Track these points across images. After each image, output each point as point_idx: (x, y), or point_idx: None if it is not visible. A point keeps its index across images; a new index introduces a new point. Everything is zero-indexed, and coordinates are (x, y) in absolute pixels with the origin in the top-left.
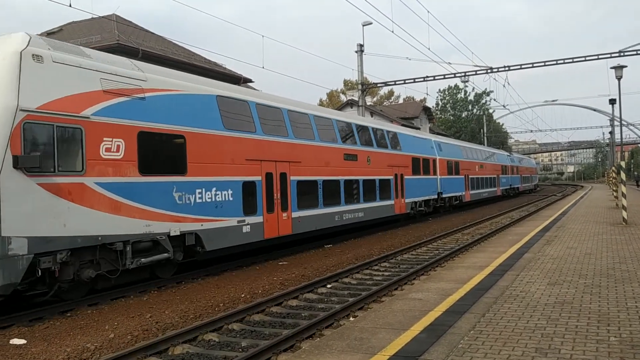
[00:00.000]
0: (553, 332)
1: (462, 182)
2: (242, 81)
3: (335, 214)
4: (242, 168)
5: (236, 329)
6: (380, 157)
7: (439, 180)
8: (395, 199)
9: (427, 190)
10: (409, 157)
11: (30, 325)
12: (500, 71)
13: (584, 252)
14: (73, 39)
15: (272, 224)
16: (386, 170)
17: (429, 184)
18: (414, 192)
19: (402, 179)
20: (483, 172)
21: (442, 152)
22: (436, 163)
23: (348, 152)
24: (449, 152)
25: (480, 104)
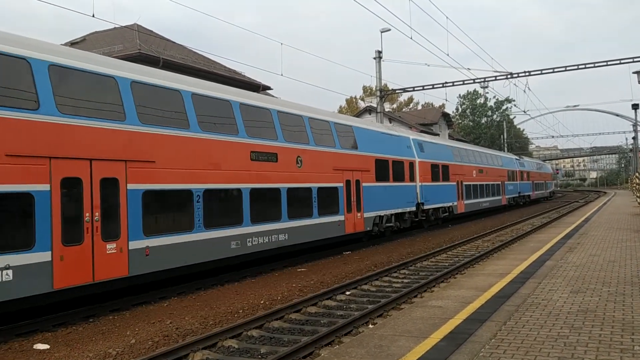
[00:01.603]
0: (576, 341)
1: (454, 190)
2: (261, 88)
3: (230, 239)
4: None
5: (255, 336)
6: (321, 157)
7: (420, 187)
8: (347, 213)
9: (400, 201)
10: (370, 158)
11: (53, 331)
12: (520, 76)
13: (608, 259)
14: (96, 48)
15: (80, 262)
16: (331, 176)
17: (404, 193)
18: (378, 203)
19: (358, 187)
20: (483, 178)
21: (424, 153)
22: (415, 167)
23: (259, 150)
24: (435, 153)
25: (501, 110)
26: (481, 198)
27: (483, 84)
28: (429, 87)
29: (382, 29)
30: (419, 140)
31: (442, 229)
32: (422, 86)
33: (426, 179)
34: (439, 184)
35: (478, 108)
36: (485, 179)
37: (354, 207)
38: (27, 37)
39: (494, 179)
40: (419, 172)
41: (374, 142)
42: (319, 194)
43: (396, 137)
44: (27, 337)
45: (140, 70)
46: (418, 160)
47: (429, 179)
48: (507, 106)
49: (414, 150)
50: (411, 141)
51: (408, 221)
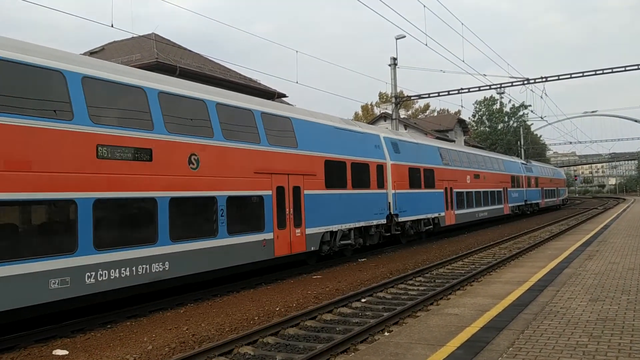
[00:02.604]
0: (595, 349)
1: (441, 198)
2: (276, 96)
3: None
4: None
5: (271, 343)
6: (234, 157)
7: (393, 195)
8: (278, 229)
9: (365, 212)
10: (317, 159)
11: (72, 337)
12: (537, 82)
13: (627, 267)
14: (114, 57)
15: None
16: (251, 181)
17: (370, 202)
18: (329, 215)
19: (297, 196)
20: (480, 184)
21: (399, 154)
22: (386, 170)
23: (114, 143)
24: (415, 155)
25: (518, 116)
26: (477, 207)
27: (499, 90)
28: (444, 93)
29: (397, 36)
30: (393, 139)
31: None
32: (438, 92)
33: (402, 185)
34: (419, 191)
35: (494, 114)
36: (483, 185)
37: (290, 221)
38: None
39: (494, 185)
40: (392, 177)
41: (323, 139)
42: (230, 205)
43: (359, 135)
44: (46, 343)
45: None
46: (391, 163)
47: (405, 185)
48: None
49: (385, 150)
50: (382, 139)
51: (376, 236)
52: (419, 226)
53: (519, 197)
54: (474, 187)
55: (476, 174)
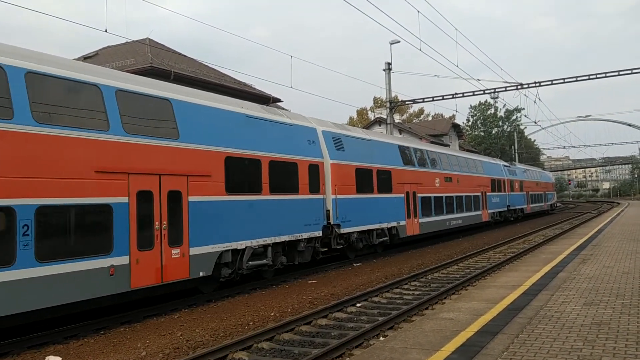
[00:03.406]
0: (590, 354)
1: (401, 205)
2: (271, 101)
3: None
4: None
5: (266, 348)
6: (52, 148)
7: (334, 202)
8: (139, 250)
9: (290, 223)
10: (212, 155)
11: (65, 343)
12: (530, 87)
13: (621, 271)
14: (108, 62)
15: None
16: (90, 184)
17: (298, 210)
18: (231, 229)
19: (176, 204)
20: (452, 188)
21: (343, 152)
22: (323, 171)
23: None
24: (365, 153)
25: (511, 120)
26: (449, 214)
27: (493, 94)
28: (439, 98)
29: (392, 41)
30: (336, 133)
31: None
32: (432, 97)
33: (347, 190)
34: (371, 196)
35: (489, 118)
36: (457, 189)
37: (162, 239)
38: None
39: (470, 190)
40: (332, 180)
41: (225, 130)
42: (45, 219)
43: (284, 126)
44: (39, 349)
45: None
46: (331, 162)
47: (351, 189)
48: (517, 115)
49: (323, 147)
50: (319, 134)
51: (307, 253)
52: (370, 238)
53: (500, 203)
54: (444, 192)
55: (448, 177)
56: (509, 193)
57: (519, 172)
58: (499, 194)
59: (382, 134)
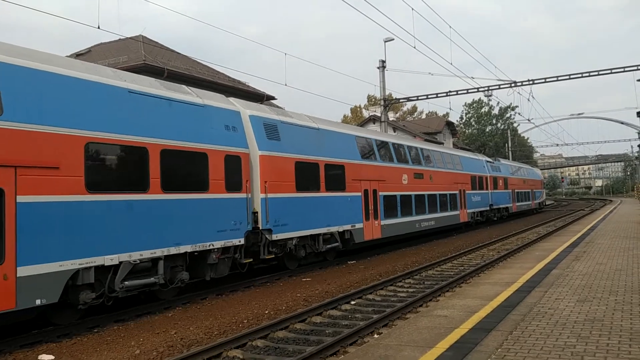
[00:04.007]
0: (583, 350)
1: (357, 204)
2: (265, 98)
3: None
4: None
5: (260, 346)
6: None
7: (263, 202)
8: None
9: (197, 230)
10: (60, 139)
11: (58, 341)
12: (524, 85)
13: (614, 268)
14: (101, 59)
15: None
16: None
17: (209, 213)
18: (93, 239)
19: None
20: (423, 186)
21: (278, 142)
22: (247, 164)
23: None
24: (309, 143)
25: (505, 118)
26: (419, 215)
27: (487, 92)
28: (433, 96)
29: (386, 39)
30: (270, 119)
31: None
32: (426, 95)
33: (283, 187)
34: (317, 195)
35: (483, 117)
36: (429, 186)
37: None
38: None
39: (445, 187)
40: (262, 175)
41: (90, 107)
42: None
43: (189, 107)
44: (32, 348)
45: None
46: (261, 154)
47: (289, 186)
48: (511, 113)
49: (249, 134)
50: (244, 119)
51: (224, 265)
52: (315, 244)
53: (482, 201)
54: (414, 189)
55: (418, 173)
56: (491, 191)
57: (503, 168)
58: (481, 192)
59: (338, 123)
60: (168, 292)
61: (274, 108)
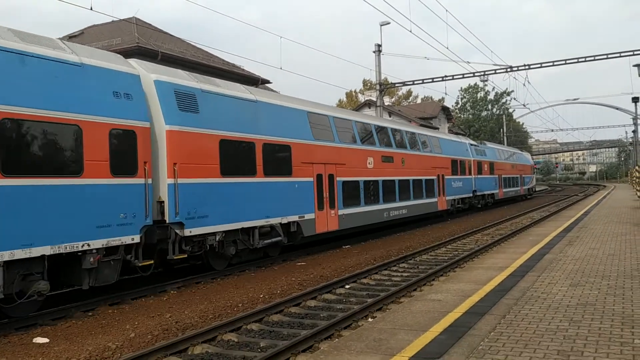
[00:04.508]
0: (575, 334)
1: (307, 192)
2: (260, 82)
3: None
4: None
5: (255, 329)
6: None
7: (172, 189)
8: None
9: (62, 227)
10: None
11: (53, 324)
12: (520, 70)
13: (607, 253)
14: (94, 42)
15: None
16: None
17: (82, 203)
18: None
19: None
20: (392, 170)
21: (196, 115)
22: (144, 141)
23: None
24: (244, 118)
25: (500, 104)
26: (388, 203)
27: (483, 77)
28: (428, 80)
29: (382, 22)
30: (185, 87)
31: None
32: (422, 80)
33: (199, 170)
34: (252, 180)
35: (478, 102)
36: (400, 171)
37: None
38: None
39: (420, 172)
40: (169, 155)
41: None
42: None
43: (56, 66)
44: (27, 331)
45: None
46: (169, 129)
47: (209, 169)
48: (506, 99)
49: (152, 104)
50: (146, 84)
51: (110, 270)
52: (250, 239)
53: (464, 188)
54: (381, 175)
55: (387, 156)
56: (475, 176)
57: (489, 152)
58: (463, 178)
59: (288, 96)
60: (20, 309)
61: (197, 75)
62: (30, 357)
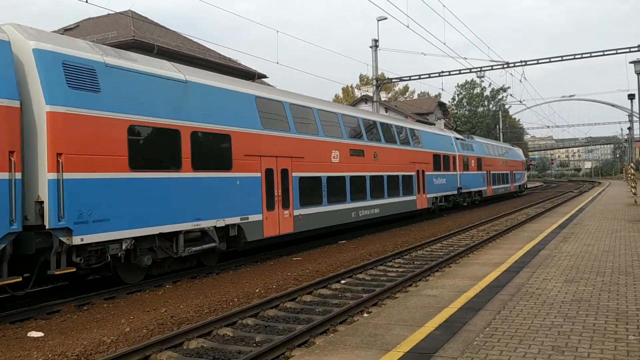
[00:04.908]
0: (570, 330)
1: (253, 189)
2: (256, 77)
3: None
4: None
5: (250, 324)
6: None
7: (53, 186)
8: None
9: None
10: None
11: (47, 319)
12: (516, 66)
13: (602, 249)
14: (90, 35)
15: None
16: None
17: None
18: None
19: None
20: (362, 165)
21: (95, 94)
22: (16, 125)
23: None
24: (166, 99)
25: (497, 100)
26: (357, 201)
27: (479, 73)
28: (425, 76)
29: (379, 17)
30: (80, 59)
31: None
32: (419, 75)
33: (98, 163)
34: (175, 175)
35: (474, 98)
36: (371, 166)
37: None
38: None
39: (396, 168)
40: (50, 143)
41: None
42: None
43: None
44: (21, 325)
45: None
46: (50, 110)
47: (114, 162)
48: (503, 95)
49: (31, 79)
50: (24, 55)
51: None
52: (174, 247)
53: (448, 185)
54: (349, 170)
55: (356, 149)
56: (461, 172)
57: (477, 147)
58: (447, 174)
59: (230, 78)
60: None
61: (101, 46)
62: (24, 351)
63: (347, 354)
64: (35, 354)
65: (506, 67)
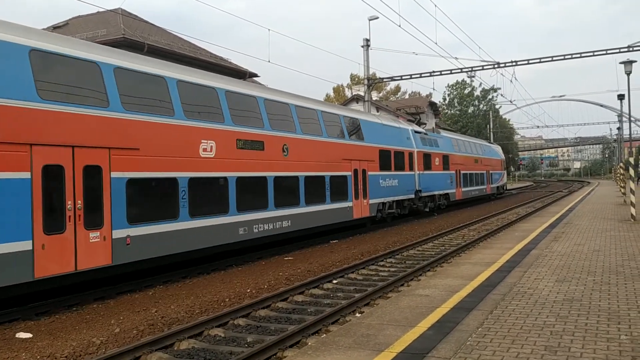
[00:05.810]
0: (562, 329)
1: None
2: (247, 75)
3: None
4: None
5: (242, 324)
6: None
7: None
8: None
9: None
10: None
11: (36, 319)
12: (507, 66)
13: (592, 249)
14: (79, 32)
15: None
16: None
17: None
18: None
19: None
20: (262, 163)
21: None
22: None
23: None
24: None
25: (487, 100)
26: (249, 212)
27: (470, 73)
28: (416, 75)
29: (370, 17)
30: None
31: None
32: (410, 75)
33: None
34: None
35: (465, 98)
36: (279, 163)
37: None
38: None
39: (320, 166)
40: None
41: None
42: None
43: None
44: (9, 326)
45: None
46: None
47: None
48: (493, 95)
49: None
50: None
51: None
52: None
53: (401, 187)
54: (233, 168)
55: (249, 140)
56: (420, 172)
57: (443, 142)
58: (400, 174)
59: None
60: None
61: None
62: (13, 352)
63: (339, 355)
64: (23, 355)
65: (497, 67)
